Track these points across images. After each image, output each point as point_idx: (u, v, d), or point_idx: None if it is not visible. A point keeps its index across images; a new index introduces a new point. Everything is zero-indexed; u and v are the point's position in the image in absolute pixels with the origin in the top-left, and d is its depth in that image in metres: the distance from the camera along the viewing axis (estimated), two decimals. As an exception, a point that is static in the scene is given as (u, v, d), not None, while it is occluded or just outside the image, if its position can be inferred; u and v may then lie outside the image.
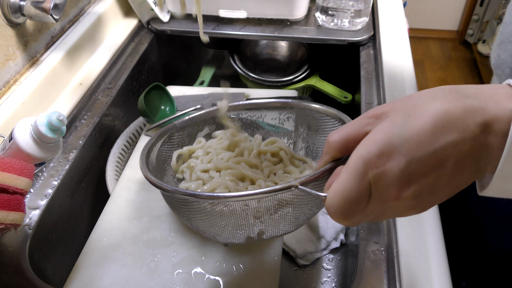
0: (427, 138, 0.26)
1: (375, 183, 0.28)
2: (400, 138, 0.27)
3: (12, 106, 0.60)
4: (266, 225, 0.39)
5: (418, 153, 0.26)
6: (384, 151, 0.27)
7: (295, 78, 0.90)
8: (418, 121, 0.27)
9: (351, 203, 0.28)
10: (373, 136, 0.28)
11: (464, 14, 2.52)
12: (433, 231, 0.50)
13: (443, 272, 0.46)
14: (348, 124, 0.31)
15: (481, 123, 0.26)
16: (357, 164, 0.28)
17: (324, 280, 0.65)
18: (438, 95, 0.28)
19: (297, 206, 0.38)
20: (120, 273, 0.50)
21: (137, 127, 0.76)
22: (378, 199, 0.28)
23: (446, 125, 0.26)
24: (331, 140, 0.32)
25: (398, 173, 0.27)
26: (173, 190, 0.38)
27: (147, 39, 0.88)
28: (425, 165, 0.27)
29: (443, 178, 0.27)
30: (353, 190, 0.28)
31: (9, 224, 0.43)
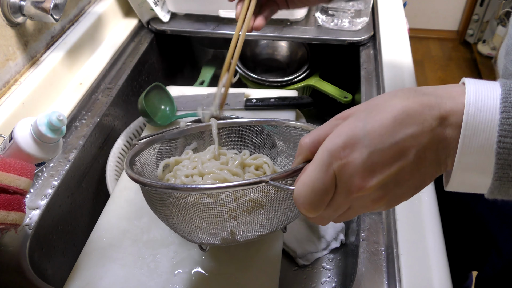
0: (388, 130, 0.28)
1: (340, 173, 0.29)
2: (363, 131, 0.29)
3: (12, 106, 0.60)
4: (240, 225, 0.39)
5: (380, 144, 0.28)
6: (347, 143, 0.29)
7: (295, 78, 0.90)
8: (379, 116, 0.29)
9: (316, 193, 0.30)
10: (338, 130, 0.30)
11: (464, 14, 2.52)
12: (433, 231, 0.50)
13: (443, 272, 0.46)
14: (319, 127, 0.33)
15: (437, 116, 0.28)
16: (323, 156, 0.29)
17: (324, 280, 0.65)
18: (398, 94, 0.30)
19: (271, 206, 0.38)
20: (120, 273, 0.50)
21: (137, 127, 0.76)
22: (343, 190, 0.30)
23: (405, 119, 0.28)
24: (303, 142, 0.33)
25: (361, 163, 0.28)
26: (149, 184, 0.38)
27: (147, 39, 0.88)
28: (386, 155, 0.28)
29: (405, 168, 0.29)
30: (318, 181, 0.29)
31: (9, 224, 0.43)
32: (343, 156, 0.29)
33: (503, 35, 2.14)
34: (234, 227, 0.40)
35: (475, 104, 0.27)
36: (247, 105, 0.74)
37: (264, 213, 0.39)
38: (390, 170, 0.28)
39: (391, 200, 0.31)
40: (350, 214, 0.33)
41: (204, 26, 0.87)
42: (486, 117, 0.27)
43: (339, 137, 0.29)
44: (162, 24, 0.88)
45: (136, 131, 0.75)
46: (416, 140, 0.28)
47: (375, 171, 0.28)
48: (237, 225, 0.39)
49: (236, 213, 0.39)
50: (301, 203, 0.31)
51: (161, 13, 0.87)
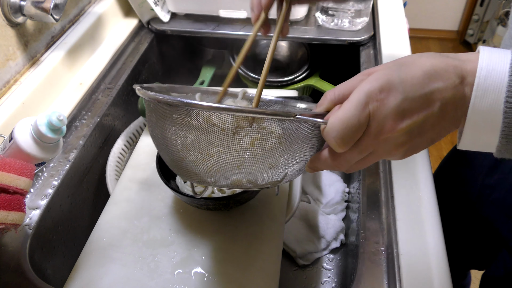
0: (419, 82, 0.31)
1: (374, 113, 0.32)
2: (398, 78, 0.32)
3: (12, 106, 0.60)
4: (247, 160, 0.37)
5: (412, 92, 0.31)
6: (384, 87, 0.31)
7: (295, 78, 0.90)
8: (411, 69, 0.32)
9: (350, 128, 0.32)
10: (375, 76, 0.32)
11: (464, 14, 2.52)
12: (433, 231, 0.50)
13: (443, 272, 0.46)
14: (345, 82, 0.35)
15: (459, 75, 0.31)
16: (360, 96, 0.32)
17: (324, 280, 0.65)
18: (425, 54, 0.33)
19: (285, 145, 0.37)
20: (120, 273, 0.50)
21: (137, 127, 0.76)
22: (374, 130, 0.32)
23: (433, 74, 0.31)
24: (328, 94, 0.35)
25: (394, 107, 0.31)
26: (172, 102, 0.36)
27: (147, 39, 0.88)
28: (417, 103, 0.31)
29: (430, 118, 0.32)
30: (354, 117, 0.32)
31: (9, 224, 0.43)
32: (380, 98, 0.31)
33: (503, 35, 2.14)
34: (243, 163, 0.37)
35: (486, 68, 0.30)
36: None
37: (279, 153, 0.37)
38: (418, 117, 0.31)
39: (410, 148, 0.33)
40: (370, 160, 0.35)
41: (204, 26, 0.87)
42: (496, 80, 0.30)
43: (376, 80, 0.32)
44: (162, 24, 0.88)
45: (136, 131, 0.75)
46: (442, 94, 0.31)
47: (405, 116, 0.31)
48: (246, 162, 0.37)
49: (250, 146, 0.37)
50: (333, 137, 0.33)
51: (161, 13, 0.87)
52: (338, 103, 0.35)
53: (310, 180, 0.78)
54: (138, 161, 0.65)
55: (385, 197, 0.55)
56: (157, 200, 0.59)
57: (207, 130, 0.36)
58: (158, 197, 0.59)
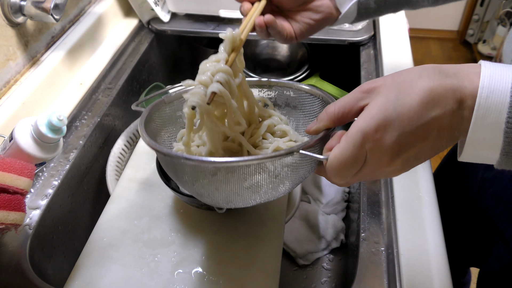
0: (416, 113, 0.31)
1: (371, 152, 0.33)
2: (394, 113, 0.31)
3: (12, 106, 0.60)
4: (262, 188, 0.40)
5: (408, 127, 0.31)
6: (380, 126, 0.32)
7: (295, 78, 0.90)
8: (408, 97, 0.31)
9: (348, 167, 0.34)
10: (371, 112, 0.32)
11: (465, 14, 2.52)
12: (433, 231, 0.50)
13: (443, 272, 0.46)
14: (343, 98, 0.35)
15: (458, 99, 0.31)
16: (357, 136, 0.32)
17: (324, 280, 0.65)
18: (423, 74, 0.32)
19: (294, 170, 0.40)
20: (121, 273, 0.50)
21: (137, 127, 0.76)
22: (372, 165, 0.33)
23: (430, 102, 0.31)
24: (329, 110, 0.36)
25: (391, 145, 0.32)
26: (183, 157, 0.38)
27: (147, 39, 0.88)
28: (413, 136, 0.32)
29: (426, 146, 0.32)
30: (351, 157, 0.33)
31: (9, 224, 0.43)
32: (376, 138, 0.32)
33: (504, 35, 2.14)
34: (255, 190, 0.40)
35: (488, 87, 0.30)
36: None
37: (286, 177, 0.40)
38: (414, 149, 0.32)
39: (407, 169, 0.35)
40: (371, 179, 0.37)
41: (204, 26, 0.87)
42: (497, 100, 0.30)
43: (372, 119, 0.32)
44: (163, 24, 0.88)
45: (136, 131, 0.75)
46: (438, 122, 0.31)
47: (401, 151, 0.32)
48: (260, 191, 0.40)
49: (261, 181, 0.40)
50: (333, 174, 0.35)
51: (162, 13, 0.87)
52: (337, 121, 0.36)
53: (310, 180, 0.78)
54: (138, 161, 0.65)
55: (385, 197, 0.55)
56: (157, 200, 0.59)
57: (212, 178, 0.39)
58: (158, 197, 0.59)
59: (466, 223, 0.78)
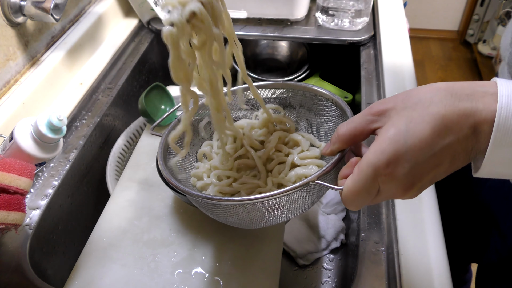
0: (428, 144, 0.30)
1: (383, 185, 0.33)
2: (404, 147, 0.31)
3: (12, 106, 0.60)
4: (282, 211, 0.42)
5: (420, 158, 0.31)
6: (391, 160, 0.31)
7: (295, 78, 0.90)
8: (419, 127, 0.31)
9: (361, 197, 0.34)
10: (381, 145, 0.32)
11: (465, 14, 2.52)
12: (433, 231, 0.50)
13: (443, 271, 0.46)
14: (355, 119, 0.35)
15: (472, 125, 0.30)
16: (368, 170, 0.32)
17: (324, 280, 0.65)
18: (435, 99, 0.31)
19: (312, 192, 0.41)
20: (121, 273, 0.50)
21: (138, 127, 0.76)
22: (385, 196, 0.34)
23: (443, 130, 0.30)
24: (340, 132, 0.36)
25: (403, 177, 0.31)
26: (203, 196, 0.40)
27: (147, 39, 0.88)
28: (426, 166, 0.31)
29: (440, 172, 0.32)
30: (364, 189, 0.33)
31: (9, 224, 0.43)
32: (387, 172, 0.31)
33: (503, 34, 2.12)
34: (279, 215, 0.42)
35: (506, 108, 0.29)
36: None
37: (304, 200, 0.42)
38: (428, 177, 0.32)
39: (421, 192, 0.34)
40: (384, 200, 0.38)
41: (204, 26, 0.87)
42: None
43: (382, 153, 0.32)
44: (163, 24, 0.88)
45: (136, 131, 0.75)
46: (452, 149, 0.30)
47: (415, 182, 0.32)
48: (281, 213, 0.42)
49: (282, 207, 0.41)
50: (348, 204, 0.35)
51: (162, 13, 0.87)
52: (349, 143, 0.37)
53: (310, 180, 0.78)
54: (138, 161, 0.65)
55: (385, 197, 0.55)
56: (157, 200, 0.59)
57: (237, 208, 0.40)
58: (158, 197, 0.59)
59: (466, 217, 0.78)
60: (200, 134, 0.55)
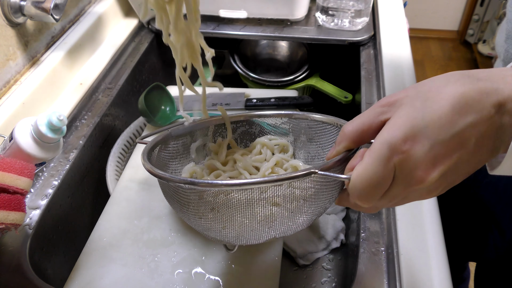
0: (448, 121, 0.27)
1: (400, 167, 0.28)
2: (422, 122, 0.27)
3: (12, 106, 0.60)
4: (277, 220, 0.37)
5: (442, 135, 0.27)
6: (408, 136, 0.27)
7: (295, 78, 0.90)
8: (437, 104, 0.27)
9: (374, 186, 0.29)
10: (396, 121, 0.28)
11: (465, 14, 2.52)
12: (433, 231, 0.50)
13: (443, 271, 0.46)
14: (362, 114, 0.32)
15: (495, 103, 0.27)
16: (382, 149, 0.28)
17: (324, 280, 0.65)
18: (451, 79, 0.28)
19: (314, 198, 0.36)
20: (121, 273, 0.50)
21: (138, 127, 0.76)
22: (402, 183, 0.29)
23: (463, 107, 0.27)
24: (346, 130, 0.32)
25: (423, 156, 0.27)
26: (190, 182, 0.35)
27: (147, 39, 0.88)
28: (448, 146, 0.27)
29: (464, 157, 0.28)
30: (377, 174, 0.28)
31: (9, 224, 0.43)
32: (405, 149, 0.28)
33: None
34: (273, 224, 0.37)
35: None
36: (247, 105, 0.74)
37: (305, 206, 0.37)
38: (451, 160, 0.28)
39: (445, 187, 0.30)
40: (404, 202, 0.32)
41: (204, 26, 0.87)
42: None
43: (398, 129, 0.28)
44: (162, 24, 0.88)
45: (136, 131, 0.75)
46: (476, 129, 0.27)
47: (437, 163, 0.28)
48: (276, 222, 0.37)
49: (277, 209, 0.37)
50: (357, 196, 0.30)
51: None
52: (357, 141, 0.32)
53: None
54: (138, 161, 0.65)
55: (385, 197, 0.55)
56: (157, 200, 0.59)
57: (226, 205, 0.36)
58: (158, 197, 0.59)
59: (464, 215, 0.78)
60: (191, 155, 0.54)
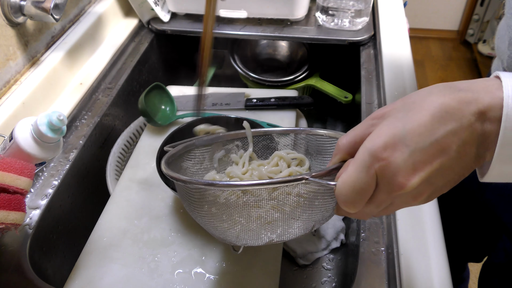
0: (427, 129, 0.28)
1: (381, 173, 0.30)
2: (402, 130, 0.29)
3: (12, 106, 0.60)
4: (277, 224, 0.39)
5: (421, 143, 0.29)
6: (388, 143, 0.29)
7: (295, 78, 0.90)
8: (418, 114, 0.29)
9: (357, 192, 0.31)
10: (378, 131, 0.30)
11: (465, 14, 2.52)
12: (433, 231, 0.50)
13: (443, 271, 0.46)
14: (356, 127, 0.34)
15: (475, 111, 0.28)
16: (364, 157, 0.30)
17: (324, 280, 0.65)
18: (434, 90, 0.30)
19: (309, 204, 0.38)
20: (121, 272, 0.50)
21: (138, 127, 0.76)
22: (385, 189, 0.30)
23: (443, 116, 0.28)
24: (341, 143, 0.34)
25: (402, 163, 0.29)
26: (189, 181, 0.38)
27: (147, 39, 0.88)
28: (428, 153, 0.29)
29: (446, 164, 0.29)
30: (359, 180, 0.30)
31: (9, 224, 0.43)
32: (385, 156, 0.29)
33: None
34: (271, 226, 0.39)
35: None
36: (247, 105, 0.74)
37: (301, 212, 0.38)
38: (431, 167, 0.29)
39: (431, 194, 0.31)
40: (391, 210, 0.33)
41: (204, 26, 0.87)
42: None
43: (379, 137, 0.30)
44: (163, 24, 0.88)
45: (136, 131, 0.75)
46: (456, 136, 0.28)
47: (417, 169, 0.29)
48: (273, 225, 0.39)
49: (273, 212, 0.38)
50: (342, 201, 0.32)
51: (161, 13, 0.87)
52: (351, 153, 0.34)
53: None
54: (138, 161, 0.65)
55: (385, 197, 0.55)
56: (157, 200, 0.59)
57: (220, 204, 0.38)
58: (158, 197, 0.59)
59: (468, 218, 0.78)
60: (214, 164, 0.54)
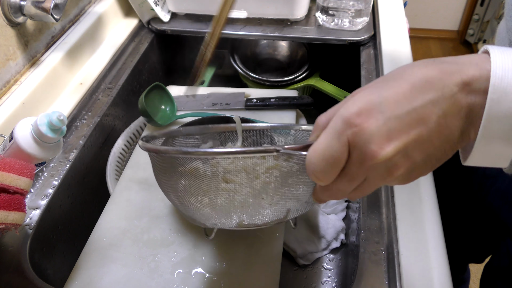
0: (406, 96, 0.27)
1: (354, 140, 0.28)
2: (379, 97, 0.28)
3: (12, 106, 0.60)
4: (249, 202, 0.37)
5: (397, 110, 0.27)
6: (362, 109, 0.28)
7: (295, 78, 0.90)
8: (397, 83, 0.28)
9: (327, 160, 0.29)
10: (353, 98, 0.29)
11: (465, 14, 2.52)
12: (433, 231, 0.50)
13: (443, 272, 0.46)
14: (336, 104, 0.32)
15: (459, 82, 0.27)
16: (336, 123, 0.28)
17: (325, 280, 0.65)
18: (417, 63, 0.29)
19: (282, 181, 0.36)
20: (121, 273, 0.50)
21: (138, 127, 0.76)
22: (357, 158, 0.28)
23: (424, 85, 0.27)
24: (319, 120, 0.32)
25: (376, 130, 0.27)
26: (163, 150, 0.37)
27: (147, 39, 0.88)
28: (404, 122, 0.27)
29: (425, 136, 0.27)
30: (330, 147, 0.28)
31: (9, 224, 0.43)
32: (358, 122, 0.27)
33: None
34: (241, 204, 0.37)
35: (502, 67, 0.26)
36: (247, 105, 0.74)
37: (273, 191, 0.36)
38: (408, 137, 0.27)
39: (410, 171, 0.29)
40: (366, 188, 0.31)
41: (204, 26, 0.87)
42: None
43: (353, 104, 0.28)
44: (163, 24, 0.88)
45: (136, 131, 0.75)
46: (436, 106, 0.27)
47: (391, 138, 0.27)
48: (244, 203, 0.37)
49: (243, 187, 0.36)
50: (312, 170, 0.30)
51: (162, 13, 0.87)
52: None
53: (310, 180, 0.78)
54: (138, 161, 0.65)
55: (385, 197, 0.55)
56: (157, 200, 0.59)
57: (188, 175, 0.37)
58: (158, 197, 0.59)
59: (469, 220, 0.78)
60: None
